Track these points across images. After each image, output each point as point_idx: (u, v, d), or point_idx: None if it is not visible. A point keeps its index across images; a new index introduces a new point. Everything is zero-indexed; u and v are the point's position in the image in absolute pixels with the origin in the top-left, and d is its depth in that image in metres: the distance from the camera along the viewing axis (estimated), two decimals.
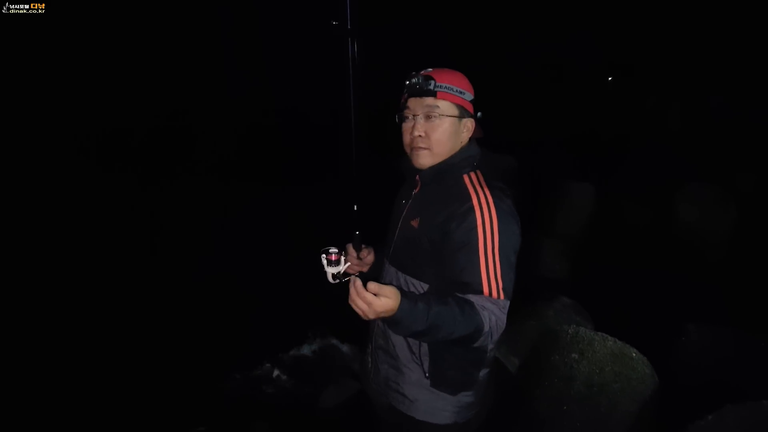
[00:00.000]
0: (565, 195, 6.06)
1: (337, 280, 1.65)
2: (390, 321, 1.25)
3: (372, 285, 1.21)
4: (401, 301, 1.23)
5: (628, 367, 2.48)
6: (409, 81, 1.53)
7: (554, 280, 4.72)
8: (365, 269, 1.76)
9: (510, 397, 2.68)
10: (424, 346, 1.54)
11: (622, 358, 2.51)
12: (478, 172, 1.54)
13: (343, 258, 1.60)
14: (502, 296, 1.37)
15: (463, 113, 1.54)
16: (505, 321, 1.37)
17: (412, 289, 1.53)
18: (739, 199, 5.60)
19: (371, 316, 1.22)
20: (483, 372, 1.58)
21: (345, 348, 3.95)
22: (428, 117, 1.51)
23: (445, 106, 1.51)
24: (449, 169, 1.54)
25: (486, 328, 1.31)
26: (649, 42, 12.26)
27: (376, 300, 1.20)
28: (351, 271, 1.73)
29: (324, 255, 1.58)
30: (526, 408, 2.56)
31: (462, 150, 1.56)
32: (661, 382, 2.49)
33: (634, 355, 2.53)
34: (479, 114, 1.58)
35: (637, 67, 12.72)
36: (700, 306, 3.85)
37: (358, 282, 1.22)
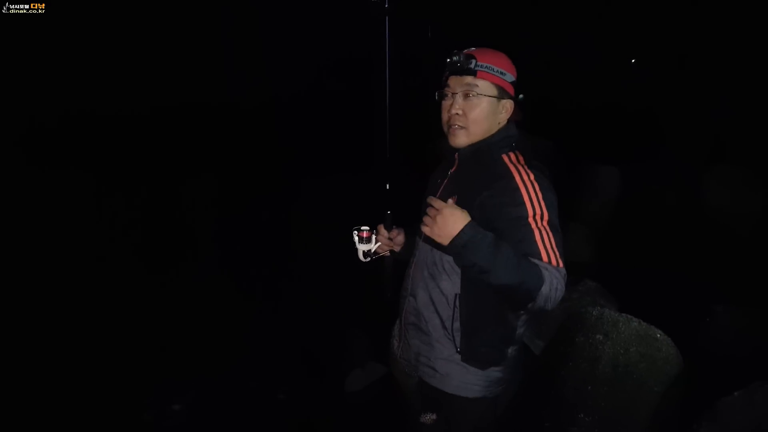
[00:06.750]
0: (589, 178, 6.00)
1: (368, 258, 1.70)
2: (454, 245, 1.33)
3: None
4: (468, 223, 1.33)
5: (653, 347, 2.50)
6: (450, 59, 1.55)
7: (578, 263, 4.71)
8: (397, 249, 1.79)
9: (535, 378, 2.72)
10: (457, 323, 1.57)
11: (646, 339, 2.52)
12: (517, 152, 1.55)
13: (374, 236, 1.64)
14: (561, 264, 1.38)
15: (502, 94, 1.55)
16: (564, 289, 1.37)
17: (446, 266, 1.56)
18: None
19: (437, 231, 1.34)
20: (512, 349, 1.62)
21: (368, 334, 4.00)
22: (466, 96, 1.53)
23: (484, 86, 1.52)
24: (488, 149, 1.56)
25: (546, 289, 1.31)
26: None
27: (445, 207, 1.34)
28: (381, 251, 1.78)
29: (355, 232, 1.63)
30: (551, 389, 2.60)
31: (501, 130, 1.58)
32: (688, 363, 2.50)
33: (658, 336, 2.54)
34: (521, 96, 1.59)
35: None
36: (725, 289, 3.81)
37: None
